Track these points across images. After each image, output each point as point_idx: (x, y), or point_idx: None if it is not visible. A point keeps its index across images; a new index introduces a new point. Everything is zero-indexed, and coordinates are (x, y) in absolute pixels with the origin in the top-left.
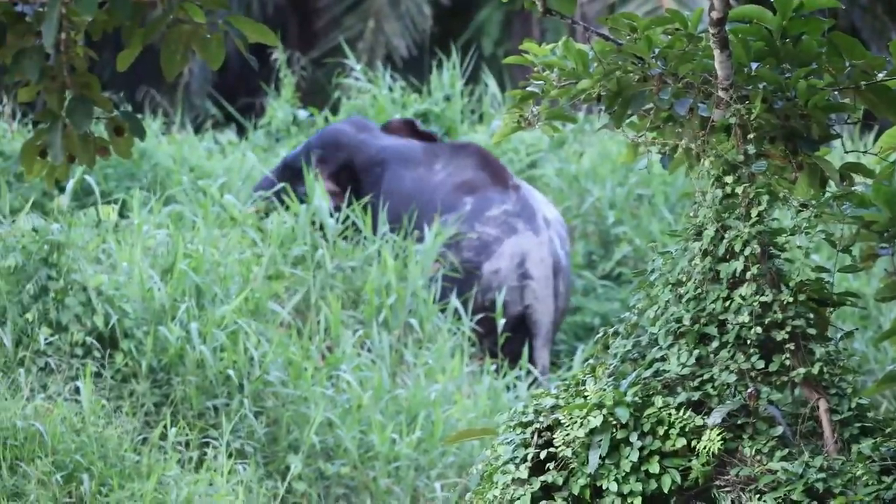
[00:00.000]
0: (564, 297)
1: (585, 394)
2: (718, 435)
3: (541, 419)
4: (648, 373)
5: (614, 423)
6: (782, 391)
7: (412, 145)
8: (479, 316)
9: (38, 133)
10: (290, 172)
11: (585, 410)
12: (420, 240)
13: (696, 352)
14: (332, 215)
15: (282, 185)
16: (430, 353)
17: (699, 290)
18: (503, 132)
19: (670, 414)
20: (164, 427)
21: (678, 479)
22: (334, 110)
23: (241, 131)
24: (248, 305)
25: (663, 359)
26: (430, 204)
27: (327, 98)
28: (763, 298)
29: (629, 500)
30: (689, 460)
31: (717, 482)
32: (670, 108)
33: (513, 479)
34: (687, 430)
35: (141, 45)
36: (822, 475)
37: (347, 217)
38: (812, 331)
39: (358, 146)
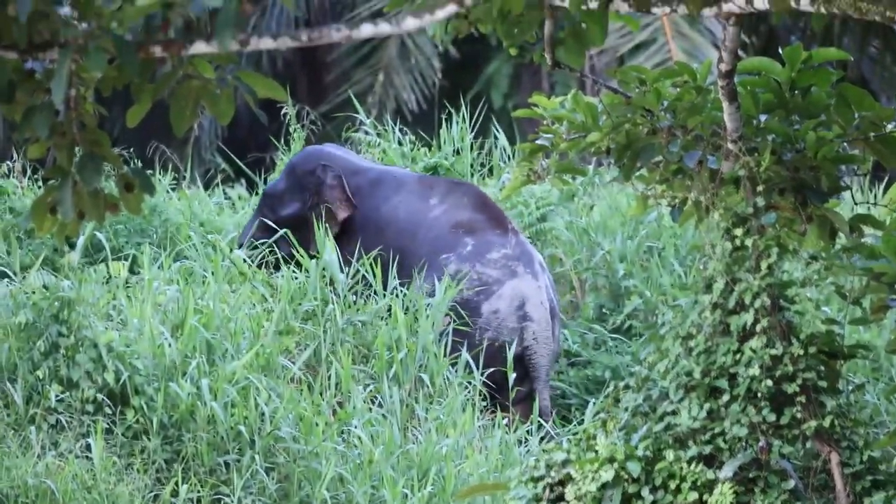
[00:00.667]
0: (559, 342)
1: (596, 448)
2: (730, 489)
3: (552, 474)
4: (660, 426)
5: (626, 477)
6: (794, 444)
7: (405, 172)
8: (488, 370)
9: (48, 190)
10: (271, 201)
11: (597, 465)
12: (423, 282)
13: (706, 405)
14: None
15: (282, 231)
16: (441, 408)
17: (709, 343)
18: (513, 185)
19: (682, 468)
20: (176, 484)
21: None
22: None
23: (252, 186)
24: (258, 361)
25: (674, 412)
26: (428, 240)
27: None
28: (773, 351)
29: None
30: None
31: None
32: (680, 160)
33: None
34: (699, 483)
35: (150, 100)
36: None
37: (357, 271)
38: (823, 383)
39: (349, 163)
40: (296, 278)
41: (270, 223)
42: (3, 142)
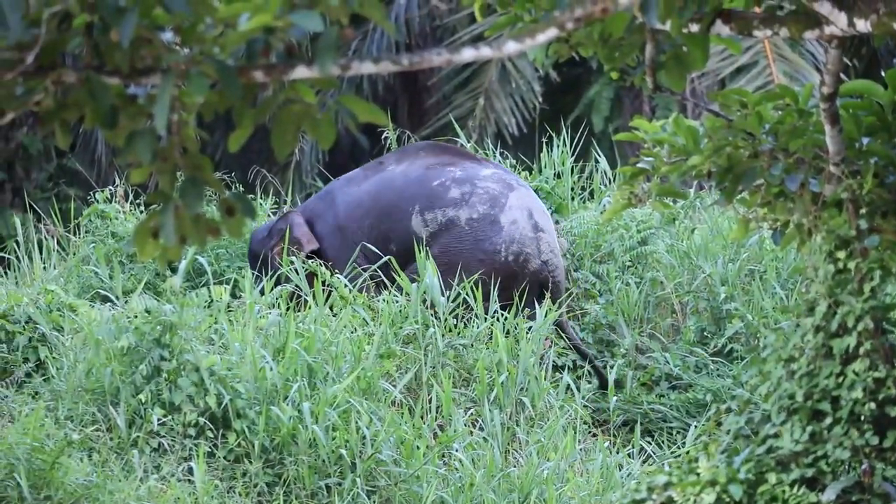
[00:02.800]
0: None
1: (698, 471)
2: None
3: (654, 497)
4: (762, 449)
5: (728, 500)
6: None
7: (352, 172)
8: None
9: (150, 214)
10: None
11: (699, 488)
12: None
13: (809, 428)
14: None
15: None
16: (542, 431)
17: (812, 366)
18: (614, 209)
19: (784, 491)
20: None
21: None
22: None
23: None
24: (359, 384)
25: (776, 435)
26: (413, 185)
27: None
28: (876, 374)
29: None
30: None
31: None
32: (781, 183)
33: None
34: None
35: (252, 125)
36: None
37: (458, 294)
38: None
39: (313, 207)
40: (396, 302)
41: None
42: (105, 167)
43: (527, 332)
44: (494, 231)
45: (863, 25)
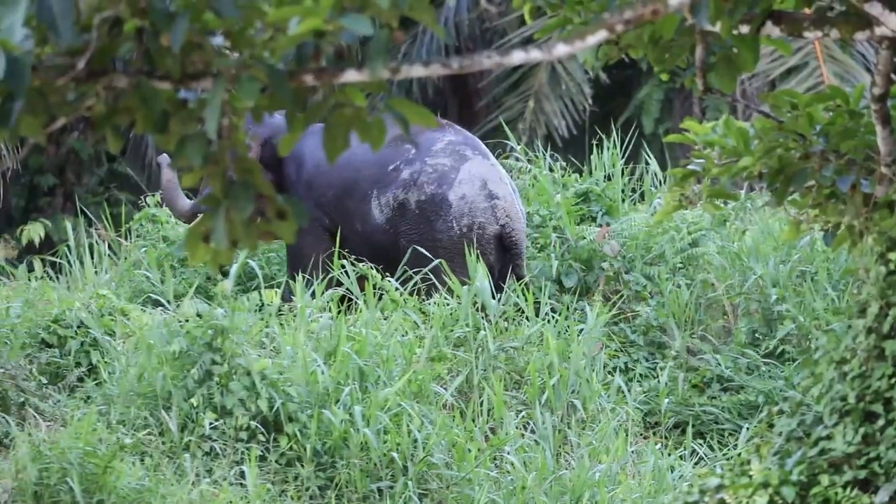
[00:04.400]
0: (524, 216)
1: (750, 473)
2: None
3: (706, 499)
4: (814, 451)
5: (780, 502)
6: None
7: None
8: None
9: (201, 219)
10: None
11: (751, 490)
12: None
13: (861, 430)
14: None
15: None
16: (593, 433)
17: (864, 368)
18: (665, 210)
19: (837, 493)
20: None
21: None
22: None
23: None
24: (411, 387)
25: (829, 437)
26: (370, 164)
27: None
28: None
29: None
30: None
31: None
32: (832, 184)
33: None
34: None
35: (302, 129)
36: None
37: (509, 297)
38: None
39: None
40: (447, 305)
41: None
42: (156, 171)
43: (578, 335)
44: (444, 209)
45: None
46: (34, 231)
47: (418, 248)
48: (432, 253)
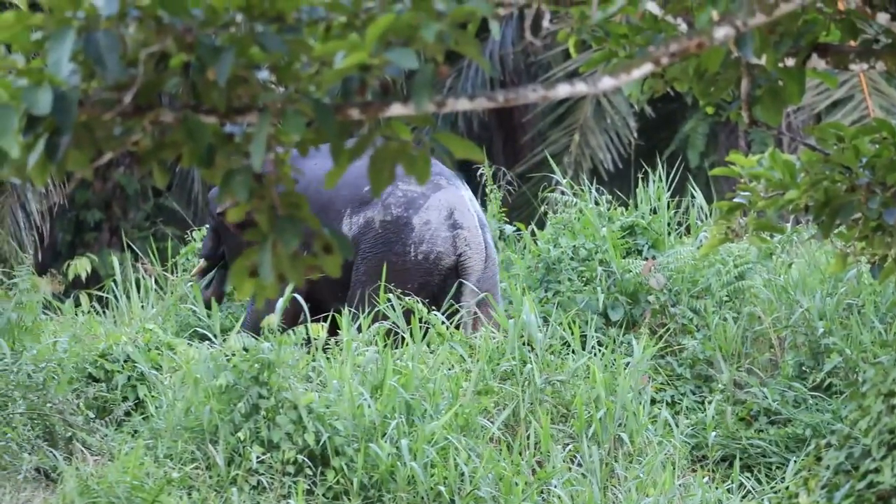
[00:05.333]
0: (492, 249)
1: None
2: None
3: None
4: (862, 484)
5: None
6: None
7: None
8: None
9: (247, 253)
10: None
11: None
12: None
13: None
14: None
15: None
16: (640, 467)
17: None
18: (711, 244)
19: None
20: None
21: None
22: (541, 225)
23: None
24: (457, 421)
25: (877, 470)
26: (345, 186)
27: (533, 213)
28: None
29: None
30: None
31: None
32: (879, 217)
33: None
34: None
35: (348, 163)
36: None
37: (555, 330)
38: None
39: None
40: (494, 338)
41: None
42: (202, 205)
43: (624, 368)
44: (405, 233)
45: None
46: (81, 266)
47: (363, 266)
48: (380, 273)
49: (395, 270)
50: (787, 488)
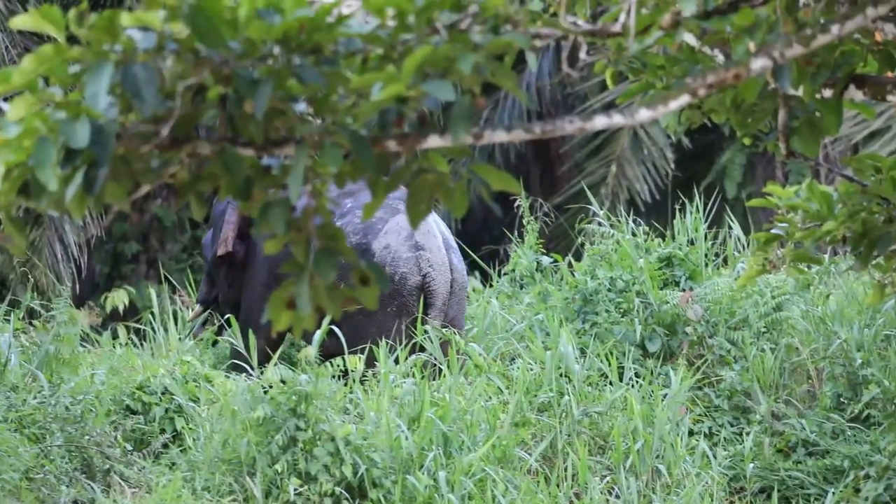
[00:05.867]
0: (459, 271)
1: None
2: None
3: None
4: None
5: None
6: None
7: None
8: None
9: (285, 285)
10: (204, 250)
11: None
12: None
13: None
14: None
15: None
16: (678, 499)
17: None
18: (748, 275)
19: None
20: None
21: None
22: (578, 256)
23: (485, 278)
24: (494, 453)
25: None
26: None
27: (571, 244)
28: None
29: None
30: None
31: None
32: None
33: None
34: None
35: (385, 195)
36: None
37: (593, 362)
38: None
39: None
40: (531, 370)
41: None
42: None
43: (662, 400)
44: (367, 259)
45: None
46: (118, 298)
47: None
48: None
49: None
50: None
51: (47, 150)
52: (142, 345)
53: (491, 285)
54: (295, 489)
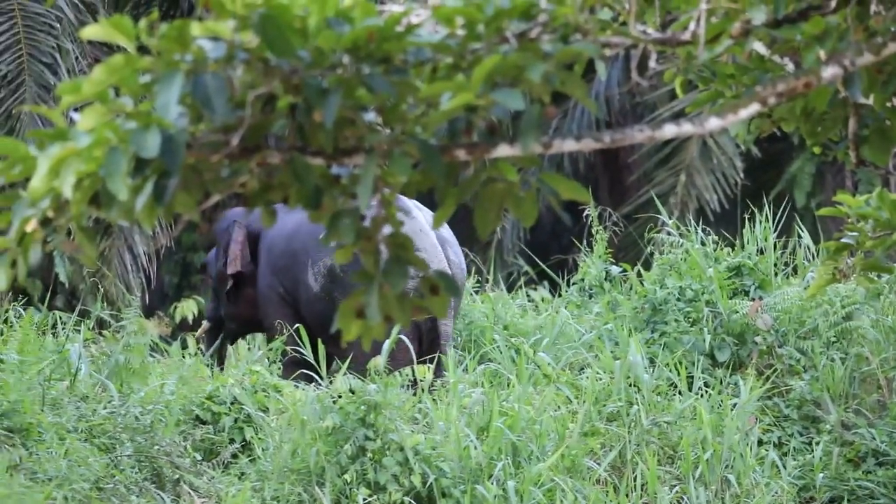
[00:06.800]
0: (457, 265)
1: None
2: None
3: None
4: None
5: None
6: None
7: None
8: None
9: (355, 294)
10: (209, 268)
11: None
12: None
13: None
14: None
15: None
16: None
17: None
18: (818, 284)
19: None
20: None
21: None
22: (647, 265)
23: (555, 288)
24: (563, 462)
25: None
26: (304, 236)
27: (640, 253)
28: None
29: None
30: None
31: None
32: None
33: None
34: None
35: (455, 204)
36: None
37: (661, 371)
38: None
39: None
40: (600, 379)
41: (214, 289)
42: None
43: (731, 409)
44: (358, 264)
45: None
46: (187, 308)
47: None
48: None
49: None
50: None
51: (118, 160)
52: (211, 355)
53: (560, 295)
54: (364, 499)
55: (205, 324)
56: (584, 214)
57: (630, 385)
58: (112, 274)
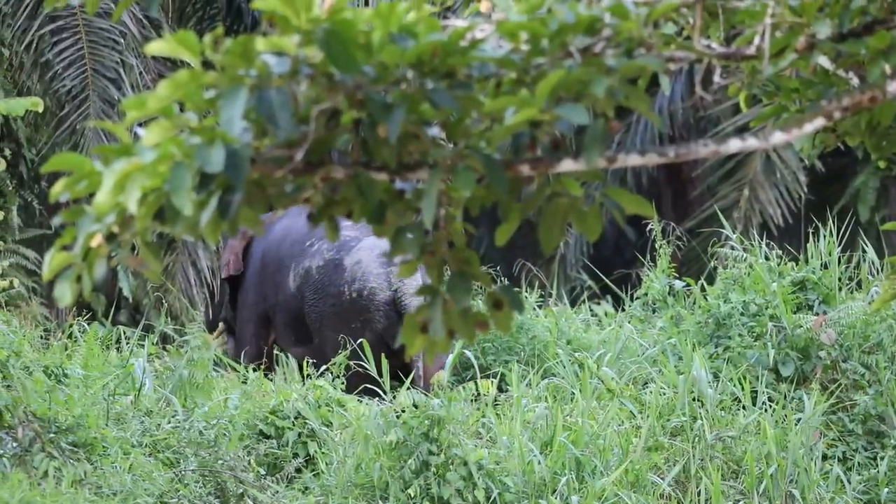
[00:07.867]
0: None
1: None
2: None
3: None
4: None
5: None
6: None
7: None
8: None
9: (419, 309)
10: None
11: None
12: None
13: None
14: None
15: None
16: None
17: None
18: (882, 299)
19: None
20: None
21: None
22: (710, 280)
23: (618, 303)
24: (627, 477)
25: None
26: (290, 243)
27: (703, 268)
28: None
29: None
30: None
31: None
32: None
33: None
34: None
35: (519, 219)
36: None
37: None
38: None
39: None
40: (664, 394)
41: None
42: None
43: (795, 424)
44: (338, 274)
45: None
46: None
47: (312, 313)
48: (328, 318)
49: (335, 311)
50: None
51: (182, 175)
52: (275, 370)
53: (623, 309)
54: None
55: (221, 326)
56: (648, 229)
57: (694, 400)
58: (176, 289)
